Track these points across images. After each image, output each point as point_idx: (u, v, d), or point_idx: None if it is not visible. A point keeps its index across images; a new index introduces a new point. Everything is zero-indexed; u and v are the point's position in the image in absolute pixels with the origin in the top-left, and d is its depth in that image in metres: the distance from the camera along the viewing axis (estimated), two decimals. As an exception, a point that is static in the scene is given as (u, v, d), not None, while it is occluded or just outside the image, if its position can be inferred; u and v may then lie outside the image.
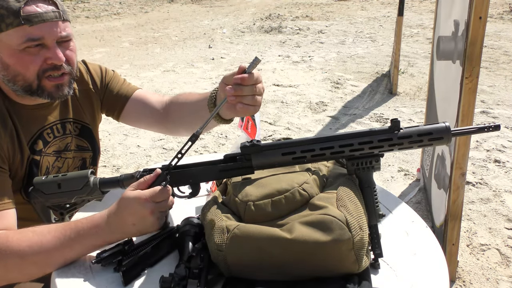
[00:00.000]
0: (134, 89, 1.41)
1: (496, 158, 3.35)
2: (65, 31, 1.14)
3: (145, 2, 11.03)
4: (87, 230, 0.95)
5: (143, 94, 1.40)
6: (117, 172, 3.26)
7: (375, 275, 0.92)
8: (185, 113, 1.31)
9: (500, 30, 7.35)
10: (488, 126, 0.92)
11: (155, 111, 1.37)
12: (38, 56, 1.11)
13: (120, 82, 1.41)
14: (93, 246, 0.96)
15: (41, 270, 0.96)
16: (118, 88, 1.39)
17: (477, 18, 1.76)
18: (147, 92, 1.43)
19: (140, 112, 1.39)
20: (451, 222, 2.08)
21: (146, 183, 0.98)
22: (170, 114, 1.35)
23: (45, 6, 1.10)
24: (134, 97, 1.38)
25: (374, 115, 4.23)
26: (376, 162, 0.94)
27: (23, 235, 0.97)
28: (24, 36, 1.08)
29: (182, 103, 1.33)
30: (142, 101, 1.38)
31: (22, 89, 1.14)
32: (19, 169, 1.17)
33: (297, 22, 8.58)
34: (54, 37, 1.11)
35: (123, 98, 1.38)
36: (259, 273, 0.87)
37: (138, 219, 0.94)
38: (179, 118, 1.33)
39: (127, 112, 1.39)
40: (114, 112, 1.40)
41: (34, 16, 1.07)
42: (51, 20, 1.10)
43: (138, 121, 1.41)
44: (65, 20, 1.14)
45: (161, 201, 0.96)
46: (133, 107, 1.38)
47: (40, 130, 1.23)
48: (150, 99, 1.39)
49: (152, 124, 1.40)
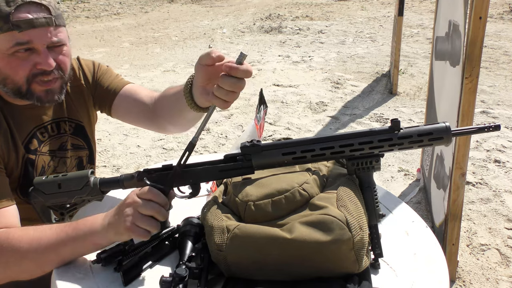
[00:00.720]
0: (125, 83, 1.39)
1: (496, 158, 3.35)
2: (56, 36, 1.12)
3: (145, 2, 11.03)
4: (87, 231, 0.95)
5: (133, 89, 1.38)
6: (117, 172, 3.26)
7: (375, 275, 0.92)
8: (166, 107, 1.28)
9: (500, 30, 7.35)
10: (488, 126, 0.92)
11: (144, 106, 1.34)
12: (27, 61, 1.10)
13: (112, 76, 1.39)
14: (93, 245, 0.96)
15: (41, 268, 0.97)
16: (109, 82, 1.37)
17: (477, 18, 1.76)
18: (138, 87, 1.40)
19: (129, 106, 1.36)
20: (451, 222, 2.08)
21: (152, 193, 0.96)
22: (157, 110, 1.32)
23: (36, 13, 1.08)
24: (123, 91, 1.36)
25: (374, 115, 4.23)
26: (376, 162, 0.95)
27: (25, 232, 0.98)
28: (12, 40, 1.07)
29: (164, 97, 1.29)
30: (132, 96, 1.36)
31: (12, 92, 1.14)
32: (14, 168, 1.17)
33: (297, 22, 8.58)
34: (43, 42, 1.10)
35: (112, 92, 1.36)
36: (259, 273, 0.87)
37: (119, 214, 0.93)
38: (163, 113, 1.30)
39: (116, 106, 1.36)
40: (105, 106, 1.38)
41: (23, 22, 1.07)
42: (41, 26, 1.09)
43: (127, 116, 1.38)
44: (58, 26, 1.13)
45: (148, 200, 0.92)
46: (123, 101, 1.36)
47: (34, 129, 1.23)
48: (140, 94, 1.36)
49: (141, 119, 1.37)
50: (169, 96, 1.25)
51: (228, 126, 4.00)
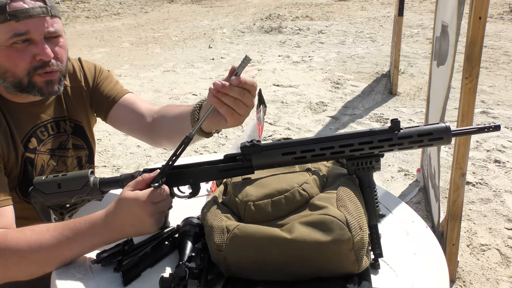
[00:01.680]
0: (125, 92, 1.38)
1: (496, 158, 3.35)
2: (53, 26, 1.13)
3: (145, 2, 11.03)
4: (85, 230, 0.95)
5: (133, 99, 1.37)
6: (117, 172, 3.26)
7: (375, 275, 0.92)
8: (166, 126, 1.27)
9: (500, 30, 7.35)
10: (488, 126, 0.92)
11: (142, 119, 1.33)
12: (25, 53, 1.10)
13: (112, 83, 1.38)
14: (92, 245, 0.96)
15: (40, 269, 0.97)
16: (109, 89, 1.36)
17: (477, 18, 1.76)
18: (137, 98, 1.39)
19: (126, 117, 1.35)
20: (451, 222, 2.08)
21: (144, 182, 0.97)
22: (156, 127, 1.32)
23: (32, 2, 1.09)
24: (123, 100, 1.35)
25: (374, 115, 4.23)
26: (376, 162, 0.94)
27: (22, 233, 0.97)
28: (10, 31, 1.07)
29: (165, 116, 1.29)
30: (131, 107, 1.35)
31: (12, 85, 1.13)
32: (14, 167, 1.17)
33: (297, 22, 8.58)
34: (41, 32, 1.10)
35: (111, 100, 1.35)
36: (259, 273, 0.86)
37: (137, 220, 0.94)
38: (162, 131, 1.30)
39: (113, 115, 1.35)
40: (101, 112, 1.38)
41: (20, 12, 1.07)
42: (38, 16, 1.09)
43: (123, 125, 1.38)
44: (53, 16, 1.13)
45: (160, 201, 0.95)
46: (120, 110, 1.35)
47: (33, 128, 1.22)
48: (139, 106, 1.35)
49: (136, 131, 1.36)
50: (171, 117, 1.26)
51: (228, 126, 4.00)
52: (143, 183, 0.97)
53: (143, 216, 0.93)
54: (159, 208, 0.96)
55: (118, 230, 0.95)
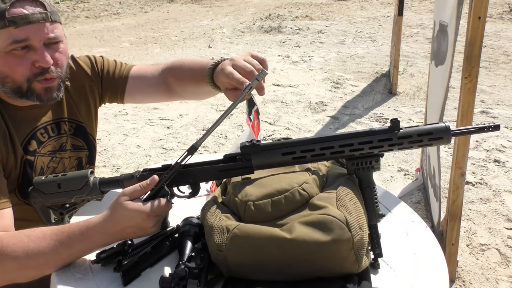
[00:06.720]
0: (130, 67, 1.40)
1: (496, 158, 3.35)
2: (53, 32, 1.12)
3: (145, 2, 11.03)
4: (82, 236, 0.94)
5: (140, 69, 1.40)
6: (117, 172, 3.26)
7: (375, 275, 0.92)
8: (182, 77, 1.33)
9: (500, 30, 7.35)
10: (487, 126, 0.92)
11: (156, 81, 1.37)
12: (25, 59, 1.09)
13: (113, 64, 1.40)
14: (90, 249, 0.96)
15: (39, 273, 0.96)
16: (113, 70, 1.38)
17: (476, 18, 1.76)
18: (142, 66, 1.43)
19: (142, 87, 1.38)
20: (451, 222, 2.08)
21: (143, 191, 0.96)
22: (170, 79, 1.36)
23: (32, 8, 1.08)
24: (132, 75, 1.38)
25: (374, 115, 4.23)
26: (376, 162, 0.94)
27: (18, 240, 0.95)
28: (9, 38, 1.06)
29: (180, 69, 1.34)
30: (141, 76, 1.38)
31: (12, 91, 1.13)
32: (13, 170, 1.17)
33: (297, 22, 8.58)
34: (40, 38, 1.10)
35: (122, 79, 1.37)
36: (259, 273, 0.87)
37: (139, 229, 0.95)
38: (180, 85, 1.35)
39: (129, 91, 1.38)
40: (117, 95, 1.39)
41: (19, 18, 1.06)
42: (37, 22, 1.08)
43: (143, 96, 1.41)
44: (54, 22, 1.12)
45: (162, 212, 0.97)
46: (134, 84, 1.38)
47: (33, 131, 1.22)
48: (147, 72, 1.39)
49: (157, 95, 1.40)
50: (185, 71, 1.32)
51: (228, 126, 4.00)
52: (141, 192, 0.96)
53: (146, 227, 0.95)
54: (161, 216, 0.98)
55: (117, 235, 0.95)
